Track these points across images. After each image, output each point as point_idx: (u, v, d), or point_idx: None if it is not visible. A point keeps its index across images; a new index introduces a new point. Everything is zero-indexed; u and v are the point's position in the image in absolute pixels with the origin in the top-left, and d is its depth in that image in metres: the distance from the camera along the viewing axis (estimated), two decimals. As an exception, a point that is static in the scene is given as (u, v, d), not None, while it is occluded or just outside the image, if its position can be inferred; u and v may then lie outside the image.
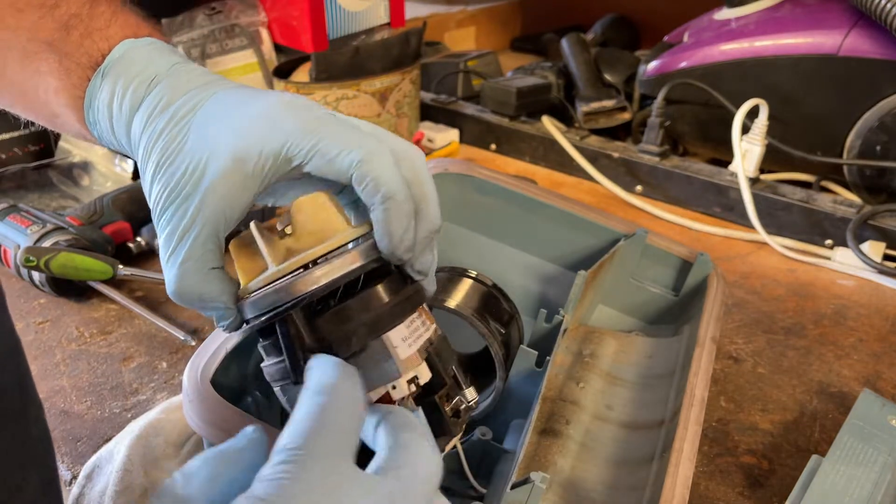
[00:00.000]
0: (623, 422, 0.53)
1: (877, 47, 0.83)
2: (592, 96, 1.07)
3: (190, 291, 0.37)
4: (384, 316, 0.35)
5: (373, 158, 0.34)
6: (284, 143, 0.34)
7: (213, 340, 0.44)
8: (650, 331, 0.64)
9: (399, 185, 0.35)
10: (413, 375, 0.35)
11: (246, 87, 0.37)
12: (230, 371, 0.43)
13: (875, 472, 0.47)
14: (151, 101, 0.37)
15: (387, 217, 0.34)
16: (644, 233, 0.62)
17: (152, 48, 0.39)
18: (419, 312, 0.36)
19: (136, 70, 0.37)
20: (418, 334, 0.36)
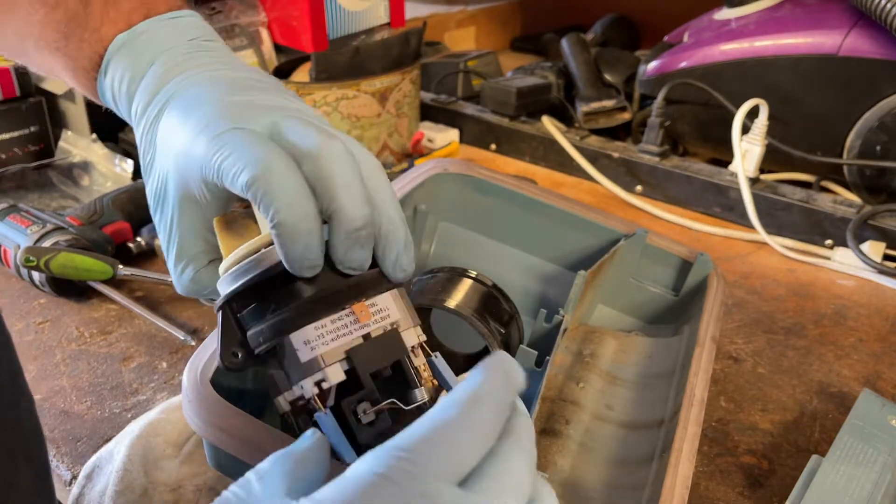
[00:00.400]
0: (623, 421, 0.53)
1: (877, 47, 0.83)
2: (592, 96, 1.07)
3: (192, 287, 0.39)
4: (288, 317, 0.34)
5: (261, 176, 0.32)
6: (201, 171, 0.35)
7: (212, 340, 0.44)
8: (650, 330, 0.64)
9: (290, 203, 0.32)
10: (319, 378, 0.34)
11: (205, 86, 0.37)
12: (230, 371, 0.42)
13: (875, 472, 0.47)
14: (135, 106, 0.39)
15: (280, 241, 0.33)
16: (644, 233, 0.62)
17: (137, 45, 0.39)
18: (352, 309, 0.35)
19: (119, 76, 0.39)
20: (341, 333, 0.35)
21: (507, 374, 0.28)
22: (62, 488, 0.54)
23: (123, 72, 0.39)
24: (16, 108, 0.94)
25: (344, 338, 0.35)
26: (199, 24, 0.42)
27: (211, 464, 0.42)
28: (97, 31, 0.40)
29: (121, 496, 0.49)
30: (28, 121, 0.95)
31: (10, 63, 0.94)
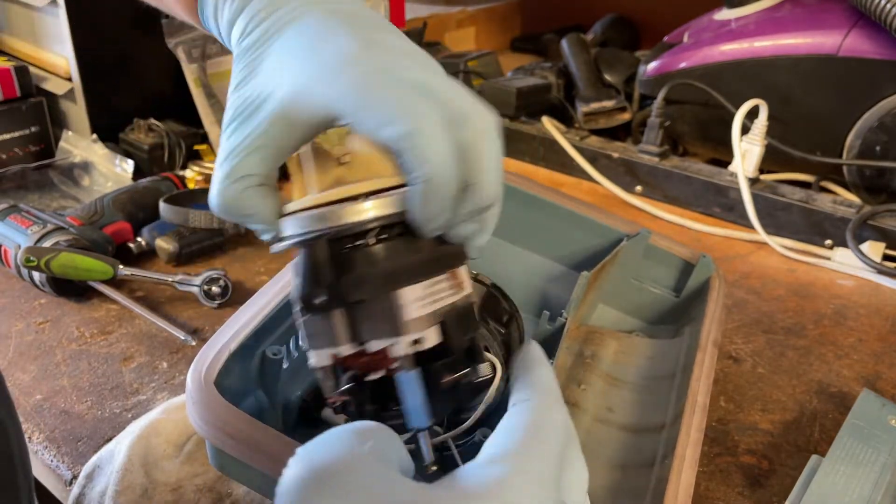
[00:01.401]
0: (624, 424, 0.53)
1: (877, 47, 0.83)
2: (592, 96, 1.07)
3: (232, 204, 0.36)
4: (402, 271, 0.34)
5: (417, 132, 0.31)
6: (333, 102, 0.33)
7: (216, 341, 0.44)
8: (651, 331, 0.64)
9: (441, 164, 0.32)
10: (418, 337, 0.34)
11: (333, 18, 0.35)
12: (233, 372, 0.43)
13: (875, 472, 0.48)
14: (246, 16, 0.36)
15: (421, 199, 0.32)
16: (647, 233, 0.62)
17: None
18: (449, 275, 0.35)
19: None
20: (438, 297, 0.34)
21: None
22: (62, 488, 0.54)
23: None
24: (16, 108, 0.94)
25: (440, 302, 0.34)
26: None
27: (213, 464, 0.42)
28: None
29: (121, 496, 0.49)
30: (28, 121, 0.95)
31: (11, 63, 0.94)
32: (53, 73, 0.97)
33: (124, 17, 0.94)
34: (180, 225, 0.78)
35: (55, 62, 0.96)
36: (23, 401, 0.59)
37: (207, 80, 0.99)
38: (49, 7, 0.92)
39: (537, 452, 0.29)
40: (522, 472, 0.28)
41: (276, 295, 0.48)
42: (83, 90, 0.94)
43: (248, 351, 0.45)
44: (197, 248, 0.79)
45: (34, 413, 0.58)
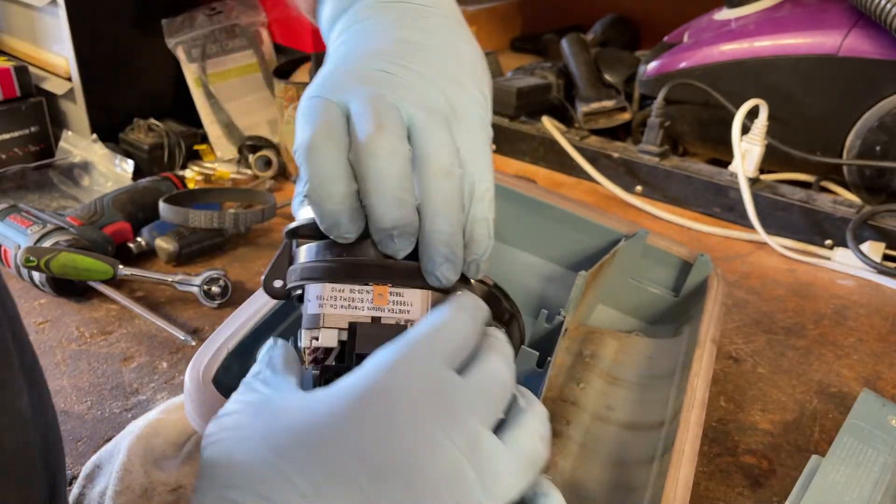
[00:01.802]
0: (623, 422, 0.53)
1: (877, 47, 0.83)
2: (592, 96, 1.07)
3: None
4: (316, 268, 0.36)
5: (301, 148, 0.34)
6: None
7: (214, 340, 0.44)
8: (650, 331, 0.64)
9: (320, 183, 0.34)
10: (315, 335, 0.35)
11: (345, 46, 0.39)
12: (231, 370, 0.43)
13: (875, 472, 0.48)
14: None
15: (312, 211, 0.36)
16: (645, 233, 0.62)
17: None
18: (370, 288, 0.35)
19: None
20: (348, 304, 0.35)
21: (476, 302, 0.35)
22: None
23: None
24: (16, 108, 0.94)
25: (353, 310, 0.35)
26: None
27: None
28: None
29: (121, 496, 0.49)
30: (28, 121, 0.95)
31: (11, 63, 0.94)
32: (53, 73, 0.97)
33: (124, 17, 0.94)
34: (180, 225, 0.78)
35: (55, 62, 0.96)
36: (22, 401, 0.59)
37: (207, 80, 0.99)
38: (49, 7, 0.92)
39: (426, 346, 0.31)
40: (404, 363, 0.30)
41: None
42: (83, 90, 0.94)
43: (246, 349, 0.45)
44: (197, 248, 0.79)
45: (34, 413, 0.58)
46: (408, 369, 0.29)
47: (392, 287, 0.36)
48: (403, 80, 0.36)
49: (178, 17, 0.97)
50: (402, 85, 0.36)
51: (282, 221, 0.88)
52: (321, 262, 0.36)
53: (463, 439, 0.28)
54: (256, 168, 0.97)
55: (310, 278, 0.36)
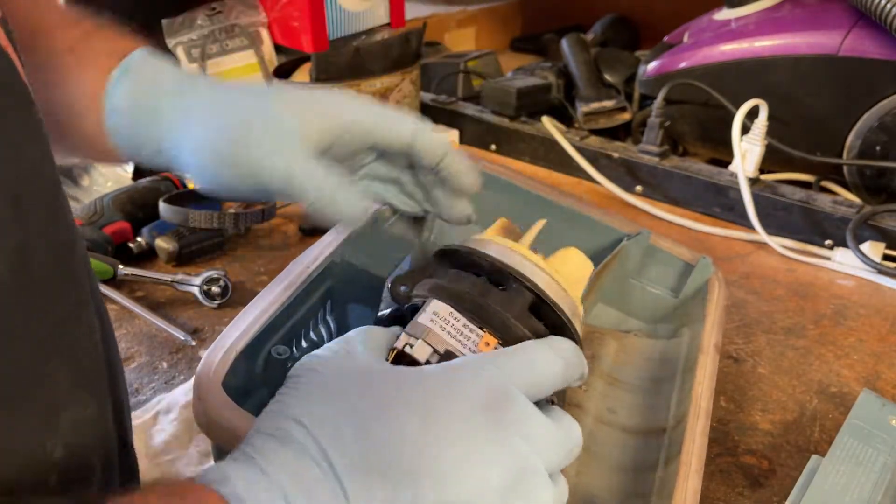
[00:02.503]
0: (626, 426, 0.53)
1: (877, 47, 0.83)
2: (592, 96, 1.07)
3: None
4: (445, 288, 0.38)
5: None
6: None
7: (222, 342, 0.44)
8: (650, 331, 0.64)
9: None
10: (410, 342, 0.36)
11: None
12: (238, 371, 0.43)
13: (875, 472, 0.48)
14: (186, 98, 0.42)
15: (454, 162, 0.44)
16: (648, 233, 0.62)
17: (166, 58, 0.44)
18: (481, 332, 0.37)
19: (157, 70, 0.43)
20: (454, 334, 0.36)
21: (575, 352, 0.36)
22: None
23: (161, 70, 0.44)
24: (16, 109, 0.93)
25: (455, 341, 0.36)
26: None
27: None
28: (118, 40, 0.45)
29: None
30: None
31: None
32: (53, 73, 0.97)
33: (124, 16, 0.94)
34: (180, 225, 0.78)
35: (55, 62, 0.96)
36: (23, 401, 0.59)
37: (207, 80, 0.99)
38: (49, 7, 0.92)
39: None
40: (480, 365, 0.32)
41: (280, 294, 0.47)
42: (83, 90, 0.94)
43: (253, 351, 0.45)
44: (197, 248, 0.79)
45: (34, 413, 0.58)
46: (487, 384, 0.31)
47: (501, 344, 0.37)
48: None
49: (178, 17, 0.97)
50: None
51: (282, 222, 0.88)
52: (455, 286, 0.38)
53: (510, 460, 0.30)
54: (256, 168, 0.97)
55: (438, 296, 0.38)
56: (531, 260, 0.39)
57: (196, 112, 0.42)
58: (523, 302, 0.38)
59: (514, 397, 0.31)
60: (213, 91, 0.42)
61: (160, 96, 0.42)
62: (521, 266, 0.39)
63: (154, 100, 0.42)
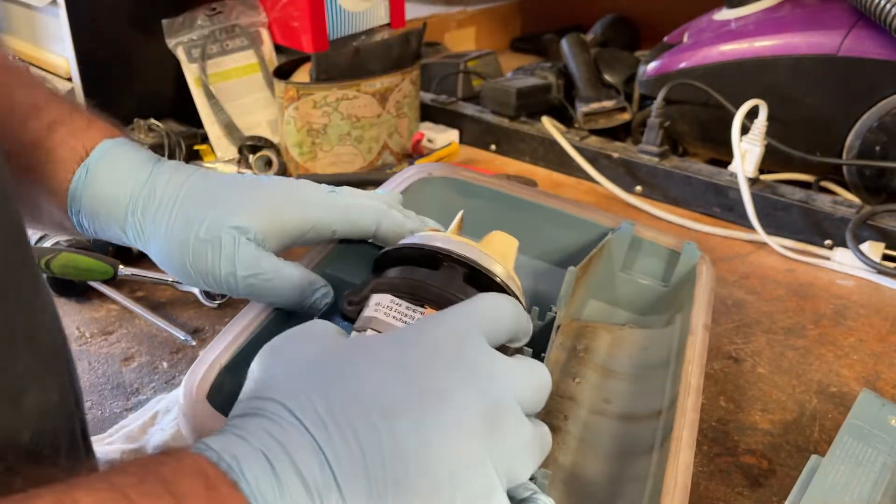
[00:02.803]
0: (621, 414, 0.53)
1: (877, 47, 0.83)
2: (592, 97, 1.08)
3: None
4: (383, 281, 0.40)
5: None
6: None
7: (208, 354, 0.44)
8: (642, 322, 0.64)
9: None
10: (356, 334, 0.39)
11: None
12: (224, 385, 0.43)
13: (875, 472, 0.48)
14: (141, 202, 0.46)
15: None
16: (630, 225, 0.62)
17: (129, 149, 0.48)
18: (423, 310, 0.39)
19: (118, 177, 0.47)
20: (401, 317, 0.38)
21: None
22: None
23: (124, 175, 0.48)
24: (16, 109, 0.94)
25: (401, 323, 0.38)
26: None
27: None
28: (84, 132, 0.49)
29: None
30: (28, 121, 0.95)
31: (11, 63, 0.94)
32: (53, 73, 0.97)
33: (124, 17, 0.94)
34: (180, 225, 0.78)
35: (55, 62, 0.96)
36: (23, 401, 0.59)
37: (207, 80, 0.99)
38: (49, 7, 0.92)
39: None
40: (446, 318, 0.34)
41: (265, 308, 0.48)
42: (83, 90, 0.94)
43: (241, 362, 0.45)
44: (197, 248, 0.78)
45: (34, 413, 0.58)
46: (452, 336, 0.32)
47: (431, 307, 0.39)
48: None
49: (178, 18, 0.97)
50: None
51: (282, 221, 0.88)
52: (392, 278, 0.40)
53: (481, 399, 0.30)
54: (257, 168, 0.97)
55: (376, 290, 0.40)
56: (456, 239, 0.42)
57: (155, 231, 0.46)
58: (456, 274, 0.40)
59: (477, 339, 0.32)
60: (173, 205, 0.46)
61: (118, 210, 0.46)
62: (448, 243, 0.41)
63: (114, 213, 0.46)
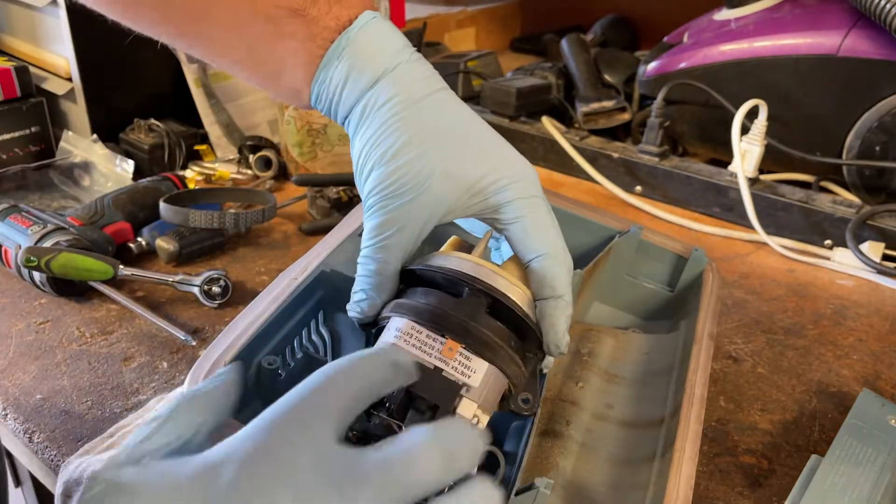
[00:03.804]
0: (623, 420, 0.53)
1: (876, 47, 0.83)
2: (592, 97, 1.08)
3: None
4: (407, 304, 0.40)
5: (554, 262, 0.43)
6: (501, 204, 0.43)
7: (211, 352, 0.44)
8: (647, 327, 0.64)
9: (567, 288, 0.43)
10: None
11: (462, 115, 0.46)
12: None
13: (874, 472, 0.48)
14: (373, 96, 0.43)
15: (555, 314, 0.43)
16: (639, 229, 0.62)
17: (386, 29, 0.44)
18: (444, 340, 0.38)
19: (368, 56, 0.43)
20: (420, 346, 0.38)
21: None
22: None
23: (373, 55, 0.43)
24: (16, 109, 0.94)
25: (421, 352, 0.37)
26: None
27: None
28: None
29: None
30: (29, 121, 0.95)
31: (11, 63, 0.94)
32: (53, 73, 0.97)
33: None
34: (180, 225, 0.78)
35: (55, 62, 0.96)
36: (23, 401, 0.59)
37: (208, 80, 0.99)
38: (49, 7, 0.92)
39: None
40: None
41: (268, 305, 0.48)
42: (83, 90, 0.94)
43: (244, 361, 0.45)
44: (197, 248, 0.79)
45: (34, 413, 0.58)
46: (296, 437, 0.27)
47: (464, 348, 0.38)
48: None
49: (179, 18, 0.97)
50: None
51: (282, 221, 0.88)
52: (414, 302, 0.40)
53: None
54: (257, 168, 0.97)
55: (397, 312, 0.39)
56: (483, 265, 0.41)
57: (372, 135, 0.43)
58: (480, 304, 0.40)
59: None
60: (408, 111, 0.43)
61: (355, 103, 0.43)
62: (474, 271, 0.40)
63: (348, 105, 0.44)
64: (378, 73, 0.43)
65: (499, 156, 0.45)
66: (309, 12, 0.42)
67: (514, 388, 0.41)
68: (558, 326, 0.43)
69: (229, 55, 0.45)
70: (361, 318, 0.44)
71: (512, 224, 0.44)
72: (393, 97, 0.43)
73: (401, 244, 0.42)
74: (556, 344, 0.43)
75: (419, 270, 0.42)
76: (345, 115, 0.45)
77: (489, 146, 0.45)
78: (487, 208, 0.44)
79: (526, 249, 0.44)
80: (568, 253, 0.45)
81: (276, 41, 0.43)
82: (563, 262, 0.44)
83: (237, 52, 0.44)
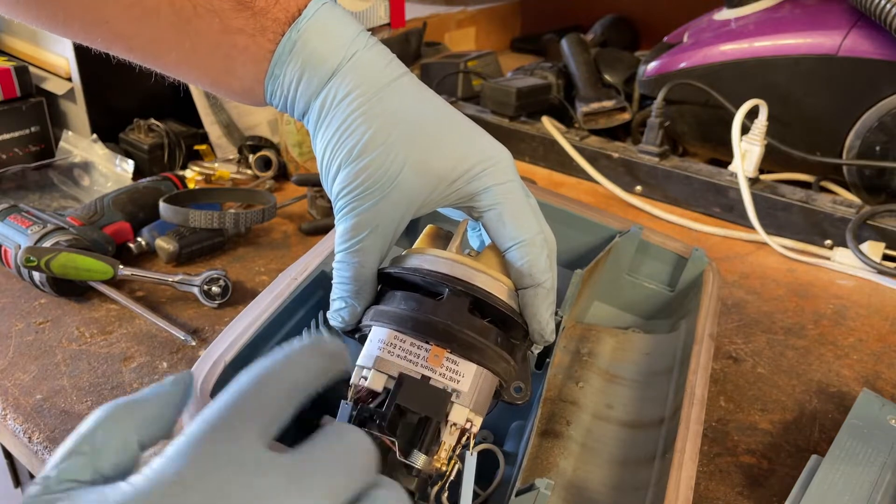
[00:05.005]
0: (623, 421, 0.53)
1: (876, 47, 0.83)
2: (592, 97, 1.07)
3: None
4: (387, 312, 0.38)
5: (531, 248, 0.42)
6: (475, 193, 0.42)
7: (212, 352, 0.44)
8: (647, 327, 0.64)
9: (547, 274, 0.42)
10: (365, 374, 0.37)
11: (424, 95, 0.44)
12: (229, 382, 0.43)
13: (874, 472, 0.48)
14: (331, 90, 0.42)
15: (535, 303, 0.42)
16: (639, 229, 0.62)
17: (338, 16, 0.42)
18: (428, 347, 0.37)
19: (322, 48, 0.41)
20: (404, 355, 0.37)
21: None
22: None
23: (326, 48, 0.42)
24: (16, 109, 0.94)
25: (407, 362, 0.36)
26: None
27: None
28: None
29: None
30: (28, 121, 0.95)
31: (11, 63, 0.94)
32: (53, 73, 0.97)
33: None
34: (180, 225, 0.78)
35: (55, 62, 0.96)
36: (23, 401, 0.59)
37: (207, 80, 0.99)
38: (49, 7, 0.92)
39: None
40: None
41: (268, 305, 0.48)
42: (83, 90, 0.94)
43: (243, 362, 0.45)
44: (197, 248, 0.79)
45: (34, 413, 0.58)
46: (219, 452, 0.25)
47: (450, 353, 0.37)
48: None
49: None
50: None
51: (282, 221, 0.88)
52: (395, 309, 0.38)
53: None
54: (256, 168, 0.97)
55: (378, 321, 0.38)
56: (460, 262, 0.40)
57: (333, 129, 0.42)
58: (461, 304, 0.38)
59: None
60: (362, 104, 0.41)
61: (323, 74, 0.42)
62: (452, 270, 0.39)
63: (305, 101, 0.42)
64: (334, 65, 0.41)
65: (469, 142, 0.42)
66: (256, 4, 0.40)
67: (506, 382, 0.40)
68: (540, 315, 0.42)
69: (170, 55, 0.42)
70: (343, 327, 0.42)
71: (487, 212, 0.42)
72: (352, 90, 0.41)
73: (376, 246, 0.41)
74: (541, 333, 0.42)
75: (395, 273, 0.41)
76: (302, 112, 0.43)
77: (458, 133, 0.43)
78: (462, 198, 0.42)
79: (503, 238, 0.42)
80: (548, 234, 0.44)
81: (222, 37, 0.40)
82: (541, 247, 0.42)
83: (180, 52, 0.41)
